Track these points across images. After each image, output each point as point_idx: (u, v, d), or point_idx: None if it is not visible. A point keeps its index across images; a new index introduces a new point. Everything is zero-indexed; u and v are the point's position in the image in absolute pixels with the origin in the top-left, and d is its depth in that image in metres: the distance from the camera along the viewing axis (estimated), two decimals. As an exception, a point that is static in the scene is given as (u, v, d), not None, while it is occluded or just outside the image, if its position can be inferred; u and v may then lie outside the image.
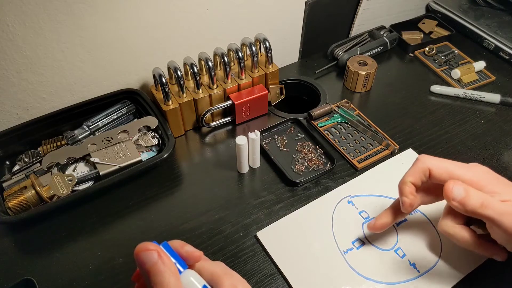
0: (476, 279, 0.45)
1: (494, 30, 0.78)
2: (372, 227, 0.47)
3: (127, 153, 0.56)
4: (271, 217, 0.52)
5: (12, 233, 0.51)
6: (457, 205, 0.38)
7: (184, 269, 0.29)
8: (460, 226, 0.42)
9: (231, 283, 0.29)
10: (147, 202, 0.54)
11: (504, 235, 0.38)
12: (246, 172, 0.58)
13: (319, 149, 0.60)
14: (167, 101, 0.58)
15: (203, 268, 0.30)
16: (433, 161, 0.42)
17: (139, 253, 0.27)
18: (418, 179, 0.42)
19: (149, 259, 0.27)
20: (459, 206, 0.38)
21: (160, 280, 0.27)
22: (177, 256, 0.29)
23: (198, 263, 0.31)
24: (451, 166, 0.41)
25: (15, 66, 0.53)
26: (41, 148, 0.58)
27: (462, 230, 0.42)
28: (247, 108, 0.63)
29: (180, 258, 0.29)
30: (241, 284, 0.30)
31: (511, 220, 0.36)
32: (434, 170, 0.41)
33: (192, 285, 0.28)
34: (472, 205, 0.38)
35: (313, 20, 0.74)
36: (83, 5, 0.52)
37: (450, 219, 0.42)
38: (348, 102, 0.67)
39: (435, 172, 0.41)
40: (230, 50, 0.62)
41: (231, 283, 0.29)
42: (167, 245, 0.29)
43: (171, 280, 0.27)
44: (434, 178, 0.42)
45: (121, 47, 0.59)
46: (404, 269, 0.46)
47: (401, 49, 0.79)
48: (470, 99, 0.68)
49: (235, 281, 0.30)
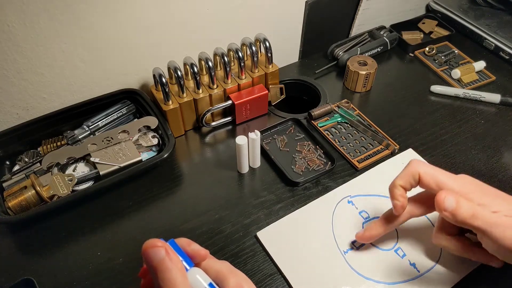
0: (476, 279, 0.45)
1: (494, 30, 0.78)
2: (360, 237, 0.47)
3: (127, 153, 0.56)
4: (271, 217, 0.52)
5: (12, 233, 0.51)
6: (448, 215, 0.39)
7: (190, 267, 0.29)
8: (453, 238, 0.43)
9: (236, 281, 0.29)
10: (147, 202, 0.54)
11: (494, 246, 0.39)
12: (246, 172, 0.58)
13: (319, 149, 0.60)
14: (167, 101, 0.58)
15: (209, 266, 0.31)
16: (424, 167, 0.42)
17: (146, 250, 0.27)
18: (407, 182, 0.43)
19: (156, 255, 0.27)
20: (450, 217, 0.39)
21: (167, 276, 0.27)
22: (183, 254, 0.29)
23: (204, 262, 0.31)
24: (440, 175, 0.41)
25: (15, 66, 0.53)
26: (41, 148, 0.58)
27: (456, 242, 0.43)
28: (247, 108, 0.63)
29: (187, 256, 0.30)
30: (246, 283, 0.30)
31: (501, 231, 0.37)
32: (423, 176, 0.42)
33: (198, 283, 0.28)
34: (462, 215, 0.38)
35: (313, 20, 0.74)
36: (83, 5, 0.52)
37: (443, 232, 0.43)
38: (348, 102, 0.67)
39: (424, 178, 0.42)
40: (230, 50, 0.62)
41: (236, 282, 0.29)
42: (173, 243, 0.29)
43: (178, 277, 0.27)
44: (422, 184, 0.42)
45: (121, 47, 0.59)
46: (404, 269, 0.46)
47: (401, 49, 0.79)
48: (470, 99, 0.68)
49: (240, 279, 0.30)
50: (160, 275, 0.27)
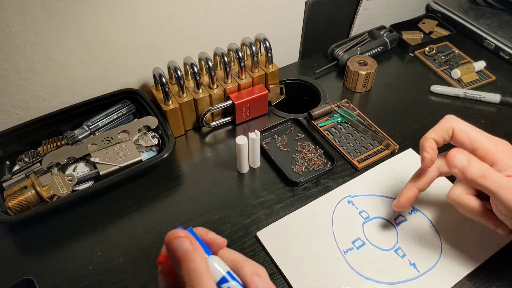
0: (476, 279, 0.45)
1: (494, 30, 0.78)
2: (397, 205, 0.46)
3: (127, 153, 0.56)
4: (271, 217, 0.52)
5: (12, 233, 0.51)
6: (457, 172, 0.39)
7: (208, 255, 0.29)
8: (469, 195, 0.42)
9: (252, 269, 0.30)
10: (147, 202, 0.54)
11: (503, 210, 0.39)
12: (246, 172, 0.58)
13: (319, 149, 0.60)
14: (167, 101, 0.58)
15: (225, 255, 0.31)
16: (459, 122, 0.42)
17: (171, 241, 0.28)
18: (440, 137, 0.42)
19: (181, 246, 0.27)
20: (459, 174, 0.39)
21: (191, 266, 0.27)
22: (202, 242, 0.30)
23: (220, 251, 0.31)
24: (474, 132, 0.41)
25: (15, 66, 0.53)
26: (41, 148, 0.58)
27: (471, 198, 0.42)
28: (247, 108, 0.63)
29: (205, 244, 0.30)
30: (262, 271, 0.30)
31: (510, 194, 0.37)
32: (457, 131, 0.42)
33: (217, 271, 0.28)
34: (472, 174, 0.38)
35: (313, 20, 0.74)
36: (83, 5, 0.52)
37: (461, 188, 0.43)
38: (348, 102, 0.67)
39: (458, 133, 0.41)
40: (230, 50, 0.62)
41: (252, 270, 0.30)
42: (192, 231, 0.30)
43: (202, 266, 0.27)
44: (456, 139, 0.42)
45: (121, 47, 0.59)
46: (404, 269, 0.46)
47: (401, 49, 0.79)
48: (470, 99, 0.68)
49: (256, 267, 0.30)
50: (185, 265, 0.27)
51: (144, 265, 0.47)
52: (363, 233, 0.50)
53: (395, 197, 0.53)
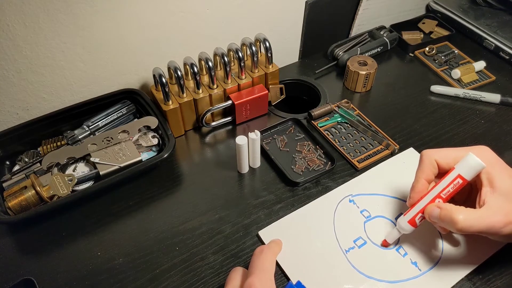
0: (476, 278, 0.45)
1: (494, 30, 0.78)
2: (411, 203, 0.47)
3: (127, 153, 0.56)
4: (271, 217, 0.52)
5: (12, 233, 0.51)
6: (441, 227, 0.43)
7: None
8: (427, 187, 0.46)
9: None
10: (147, 202, 0.54)
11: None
12: (246, 172, 0.58)
13: (319, 149, 0.60)
14: (167, 101, 0.58)
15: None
16: (437, 153, 0.44)
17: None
18: (429, 174, 0.45)
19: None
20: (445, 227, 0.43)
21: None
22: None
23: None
24: (454, 152, 0.44)
25: (15, 66, 0.53)
26: (41, 148, 0.58)
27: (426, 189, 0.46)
28: (247, 108, 0.63)
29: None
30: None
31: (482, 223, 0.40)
32: (441, 162, 0.44)
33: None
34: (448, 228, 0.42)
35: (313, 20, 0.74)
36: (83, 5, 0.52)
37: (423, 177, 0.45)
38: (348, 102, 0.67)
39: (442, 163, 0.44)
40: (230, 50, 0.62)
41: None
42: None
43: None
44: (443, 168, 0.44)
45: (121, 47, 0.59)
46: (406, 267, 0.46)
47: (401, 49, 0.80)
48: (470, 99, 0.68)
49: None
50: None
51: (144, 265, 0.47)
52: (364, 232, 0.50)
53: (396, 196, 0.53)
